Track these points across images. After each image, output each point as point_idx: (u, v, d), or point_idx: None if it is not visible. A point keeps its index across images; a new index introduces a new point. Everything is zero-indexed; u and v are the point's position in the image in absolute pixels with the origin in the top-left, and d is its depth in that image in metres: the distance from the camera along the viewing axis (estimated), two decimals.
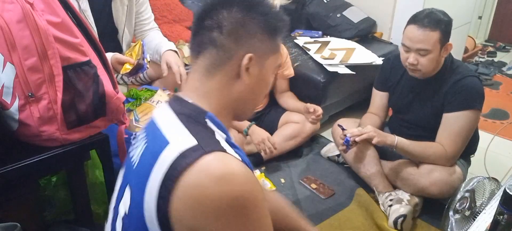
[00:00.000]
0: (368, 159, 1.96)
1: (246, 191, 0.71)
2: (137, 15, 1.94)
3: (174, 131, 0.77)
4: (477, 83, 1.74)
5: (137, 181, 0.76)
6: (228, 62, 0.82)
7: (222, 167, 0.70)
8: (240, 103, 0.87)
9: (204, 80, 0.84)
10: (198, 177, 0.68)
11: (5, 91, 1.03)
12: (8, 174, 1.02)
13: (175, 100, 0.85)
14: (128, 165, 0.86)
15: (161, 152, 0.72)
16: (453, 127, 1.75)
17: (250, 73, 0.83)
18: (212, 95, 0.84)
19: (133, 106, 1.66)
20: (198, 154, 0.69)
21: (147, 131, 0.85)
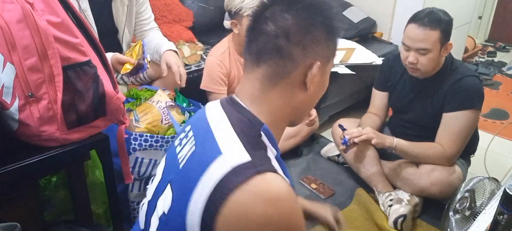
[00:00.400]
0: (368, 159, 1.96)
1: (292, 218, 0.70)
2: (137, 15, 1.94)
3: (227, 140, 0.73)
4: (476, 83, 1.74)
5: (183, 186, 0.74)
6: (294, 72, 0.78)
7: (273, 189, 0.68)
8: (299, 111, 0.84)
9: (265, 90, 0.79)
10: (247, 197, 0.66)
11: (5, 91, 1.03)
12: (8, 174, 1.02)
13: (231, 103, 0.81)
14: (172, 161, 0.82)
15: (212, 162, 0.70)
16: (452, 126, 1.75)
17: (314, 81, 0.80)
18: (272, 106, 0.80)
19: (133, 106, 1.66)
20: (250, 173, 0.67)
21: (196, 130, 0.81)
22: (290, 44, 0.76)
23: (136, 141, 1.52)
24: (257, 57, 0.79)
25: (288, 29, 0.76)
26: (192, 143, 0.78)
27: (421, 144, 1.79)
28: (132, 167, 1.55)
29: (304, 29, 0.76)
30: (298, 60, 0.77)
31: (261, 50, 0.78)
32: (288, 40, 0.76)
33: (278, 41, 0.76)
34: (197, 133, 0.80)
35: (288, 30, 0.76)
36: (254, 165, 0.68)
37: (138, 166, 1.57)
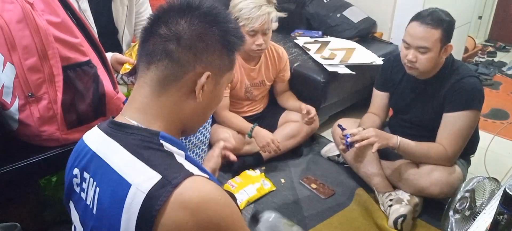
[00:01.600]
0: (368, 159, 1.96)
1: (224, 215, 0.70)
2: (137, 15, 1.94)
3: (130, 168, 0.70)
4: (477, 84, 1.74)
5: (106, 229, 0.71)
6: (183, 77, 0.76)
7: (196, 196, 0.67)
8: (190, 121, 0.82)
9: (155, 95, 0.77)
10: (174, 214, 0.65)
11: (5, 91, 1.03)
12: (8, 174, 1.02)
13: (116, 128, 0.76)
14: (83, 208, 0.78)
15: (126, 197, 0.67)
16: (453, 127, 1.75)
17: (205, 90, 0.78)
18: (163, 112, 0.77)
19: None
20: (167, 191, 0.65)
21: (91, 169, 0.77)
22: (180, 48, 0.74)
23: None
24: (147, 59, 0.77)
25: (180, 34, 0.75)
26: (94, 184, 0.75)
27: (423, 144, 1.79)
28: None
29: (196, 35, 0.75)
30: (188, 66, 0.75)
31: (152, 52, 0.76)
32: (178, 44, 0.74)
33: (168, 44, 0.74)
34: (94, 171, 0.76)
35: (179, 34, 0.75)
36: (167, 181, 0.67)
37: None
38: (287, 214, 1.84)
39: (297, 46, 2.64)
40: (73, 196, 0.83)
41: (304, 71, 2.38)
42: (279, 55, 2.23)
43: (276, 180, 2.07)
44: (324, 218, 1.83)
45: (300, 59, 2.47)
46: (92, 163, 0.77)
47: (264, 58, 2.18)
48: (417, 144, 1.78)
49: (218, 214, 0.69)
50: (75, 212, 0.83)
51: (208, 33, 0.76)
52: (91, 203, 0.75)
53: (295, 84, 2.39)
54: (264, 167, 2.16)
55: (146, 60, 0.77)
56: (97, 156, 0.76)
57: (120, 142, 0.74)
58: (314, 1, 2.90)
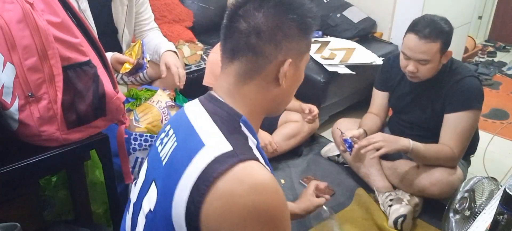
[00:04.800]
0: (368, 159, 1.96)
1: (275, 204, 0.72)
2: (137, 15, 1.94)
3: (209, 132, 0.75)
4: (476, 83, 1.74)
5: (167, 181, 0.75)
6: (267, 68, 0.80)
7: (256, 176, 0.70)
8: (275, 104, 0.87)
9: (240, 85, 0.81)
10: (231, 185, 0.68)
11: (5, 91, 1.03)
12: (8, 174, 1.02)
13: (209, 99, 0.83)
14: (154, 160, 0.84)
15: (196, 154, 0.71)
16: (456, 127, 1.74)
17: (287, 76, 0.82)
18: (247, 99, 0.82)
19: (133, 106, 1.66)
20: (233, 161, 0.69)
21: (177, 126, 0.83)
22: (261, 42, 0.78)
23: (136, 141, 1.52)
24: (231, 54, 0.81)
25: (259, 27, 0.77)
26: (174, 139, 0.80)
27: (433, 147, 1.77)
28: (132, 167, 1.55)
29: (274, 27, 0.78)
30: (270, 57, 0.79)
31: (235, 47, 0.80)
32: (259, 37, 0.78)
33: (250, 39, 0.78)
34: (177, 129, 0.82)
35: (259, 28, 0.77)
36: (236, 153, 0.70)
37: (138, 166, 1.57)
38: None
39: None
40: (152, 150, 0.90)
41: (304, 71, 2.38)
42: None
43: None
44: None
45: None
46: (179, 122, 0.84)
47: None
48: (428, 147, 1.76)
49: (271, 201, 0.71)
50: (146, 163, 0.89)
51: (286, 22, 0.79)
52: (164, 156, 0.80)
53: None
54: None
55: (230, 55, 0.82)
56: (185, 116, 0.83)
57: (207, 109, 0.81)
58: (314, 1, 2.91)
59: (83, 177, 1.30)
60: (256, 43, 0.78)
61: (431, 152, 1.76)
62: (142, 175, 0.89)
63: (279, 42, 0.79)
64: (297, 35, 0.81)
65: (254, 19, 0.78)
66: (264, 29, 0.77)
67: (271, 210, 0.71)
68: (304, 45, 0.83)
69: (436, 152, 1.77)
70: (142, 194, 0.84)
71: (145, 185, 0.84)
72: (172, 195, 0.71)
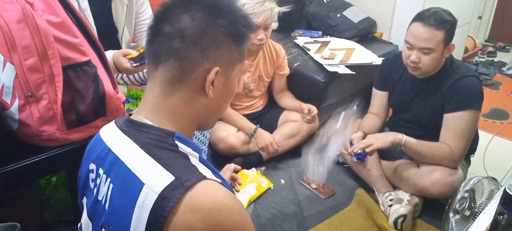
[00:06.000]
0: (368, 159, 1.96)
1: (235, 220, 0.68)
2: (137, 15, 1.94)
3: (144, 167, 0.69)
4: (476, 83, 1.74)
5: (117, 226, 0.71)
6: (192, 75, 0.73)
7: (208, 201, 0.66)
8: (204, 117, 0.80)
9: (165, 96, 0.75)
10: (185, 218, 0.64)
11: (5, 91, 1.03)
12: (8, 174, 1.02)
13: (133, 126, 0.75)
14: (95, 204, 0.77)
15: (138, 196, 0.66)
16: (456, 127, 1.74)
17: (216, 86, 0.75)
18: (175, 113, 0.76)
19: (133, 106, 1.66)
20: (179, 192, 0.64)
21: (106, 166, 0.76)
22: (186, 46, 0.72)
23: None
24: (154, 59, 0.75)
25: (184, 30, 0.72)
26: (108, 181, 0.74)
27: (429, 143, 1.78)
28: None
29: (201, 31, 0.72)
30: (195, 63, 0.73)
31: (158, 52, 0.74)
32: (183, 41, 0.72)
33: (173, 43, 0.72)
34: (108, 169, 0.75)
35: (184, 31, 0.72)
36: (180, 182, 0.65)
37: None
38: (287, 214, 1.85)
39: (297, 46, 2.64)
40: (87, 191, 0.82)
41: (304, 71, 2.38)
42: (276, 52, 2.24)
43: (276, 180, 2.07)
44: (324, 218, 1.83)
45: (300, 59, 2.47)
46: (106, 160, 0.76)
47: (262, 54, 2.20)
48: (423, 143, 1.77)
49: (230, 221, 0.67)
50: (85, 208, 0.83)
51: (213, 27, 0.73)
52: (103, 199, 0.74)
53: (295, 84, 2.39)
54: (264, 167, 2.16)
55: (154, 61, 0.75)
56: (112, 152, 0.75)
57: (135, 140, 0.73)
58: (314, 1, 2.90)
59: None
60: (180, 47, 0.72)
61: (425, 148, 1.77)
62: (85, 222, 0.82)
63: (206, 48, 0.73)
64: (227, 42, 0.75)
65: (179, 22, 0.72)
66: (189, 32, 0.72)
67: (233, 229, 0.68)
68: (236, 54, 0.77)
69: (431, 148, 1.77)
70: None
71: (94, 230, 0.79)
72: None
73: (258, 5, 1.90)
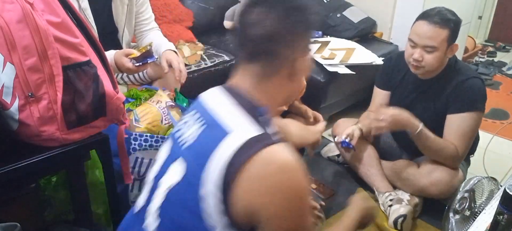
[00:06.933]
0: (368, 159, 1.96)
1: (299, 182, 0.80)
2: (137, 15, 1.94)
3: (236, 119, 0.82)
4: (480, 85, 1.74)
5: (194, 161, 0.82)
6: (282, 68, 0.87)
7: (282, 158, 0.78)
8: (288, 98, 0.95)
9: (259, 83, 0.88)
10: (260, 167, 0.76)
11: (5, 91, 1.03)
12: (8, 174, 1.02)
13: (230, 90, 0.89)
14: (177, 142, 0.90)
15: (225, 138, 0.78)
16: (459, 128, 1.73)
17: (298, 73, 0.90)
18: (267, 95, 0.89)
19: (133, 106, 1.66)
20: (261, 144, 0.77)
21: (201, 112, 0.89)
22: (275, 46, 0.85)
23: (136, 141, 1.52)
24: (248, 58, 0.88)
25: (271, 33, 0.84)
26: (201, 123, 0.86)
27: (441, 140, 1.75)
28: (132, 167, 1.55)
29: (285, 30, 0.85)
30: (285, 58, 0.86)
31: (251, 53, 0.87)
32: (272, 42, 0.84)
33: (264, 46, 0.85)
34: (203, 114, 0.88)
35: (271, 33, 0.84)
36: (263, 138, 0.78)
37: (138, 166, 1.57)
38: None
39: None
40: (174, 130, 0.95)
41: None
42: None
43: None
44: None
45: None
46: (205, 109, 0.89)
47: None
48: (436, 137, 1.74)
49: (295, 180, 0.79)
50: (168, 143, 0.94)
51: (295, 23, 0.86)
52: (189, 137, 0.86)
53: None
54: None
55: (247, 59, 0.89)
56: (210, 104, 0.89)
57: (231, 98, 0.87)
58: (314, 1, 2.90)
59: (83, 177, 1.30)
60: (271, 48, 0.85)
61: (437, 143, 1.74)
62: (162, 156, 0.94)
63: (291, 43, 0.85)
64: (305, 33, 0.89)
65: (265, 26, 0.84)
66: (276, 34, 0.84)
67: (296, 188, 0.79)
68: (309, 40, 0.92)
69: (441, 146, 1.74)
70: (162, 172, 0.89)
71: (165, 165, 0.90)
72: (200, 175, 0.78)
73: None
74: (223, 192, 0.76)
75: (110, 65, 1.19)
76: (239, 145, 0.77)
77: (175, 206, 0.84)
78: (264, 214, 0.78)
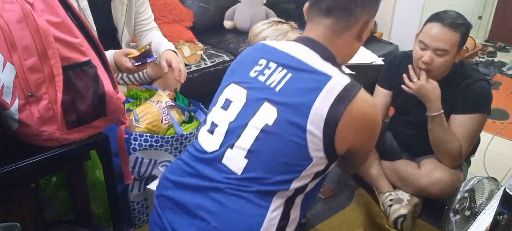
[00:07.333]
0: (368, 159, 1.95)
1: (380, 116, 1.07)
2: (137, 15, 1.94)
3: (326, 68, 0.97)
4: (487, 88, 1.74)
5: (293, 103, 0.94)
6: (354, 26, 1.01)
7: (371, 99, 0.99)
8: (348, 56, 1.08)
9: (333, 36, 1.01)
10: (361, 105, 0.94)
11: (5, 91, 1.03)
12: (8, 174, 1.02)
13: (310, 42, 1.01)
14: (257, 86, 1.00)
15: (325, 85, 0.93)
16: (465, 128, 1.72)
17: (365, 34, 1.04)
18: (339, 49, 1.02)
19: (133, 106, 1.66)
20: (357, 88, 0.95)
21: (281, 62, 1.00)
22: (353, 4, 0.99)
23: (136, 141, 1.52)
24: (326, 11, 1.00)
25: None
26: (284, 72, 0.98)
27: (451, 131, 1.73)
28: (132, 167, 1.55)
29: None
30: (358, 17, 1.00)
31: (331, 7, 1.00)
32: (354, 1, 0.99)
33: (344, 1, 0.99)
34: (284, 63, 1.00)
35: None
36: (356, 84, 0.96)
37: (138, 166, 1.57)
38: None
39: None
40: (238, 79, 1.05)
41: None
42: None
43: None
44: (324, 218, 1.83)
45: None
46: (278, 56, 1.02)
47: None
48: (448, 127, 1.73)
49: (380, 115, 1.06)
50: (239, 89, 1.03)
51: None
52: (274, 83, 0.98)
53: None
54: None
55: (325, 12, 1.01)
56: (285, 52, 1.02)
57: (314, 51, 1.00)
58: None
59: (83, 177, 1.30)
60: (349, 5, 0.99)
61: (448, 134, 1.72)
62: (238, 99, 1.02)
63: (366, 4, 1.00)
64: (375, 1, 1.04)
65: None
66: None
67: (378, 120, 1.02)
68: (378, 5, 1.05)
69: (450, 137, 1.72)
70: (247, 113, 0.98)
71: (249, 106, 0.99)
72: (307, 114, 0.92)
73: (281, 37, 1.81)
74: (329, 128, 0.92)
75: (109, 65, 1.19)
76: (341, 88, 0.92)
77: (273, 142, 0.95)
78: (359, 144, 1.01)
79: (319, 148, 0.94)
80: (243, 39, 2.80)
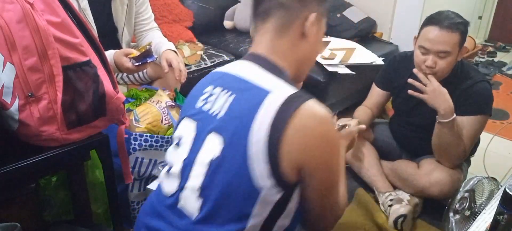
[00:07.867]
0: (368, 159, 1.96)
1: (335, 134, 0.92)
2: (137, 15, 1.94)
3: (269, 82, 0.88)
4: (489, 89, 1.74)
5: (234, 127, 0.86)
6: (295, 22, 0.93)
7: (320, 111, 0.85)
8: (302, 64, 0.99)
9: (276, 39, 0.94)
10: (305, 119, 0.83)
11: (5, 91, 1.03)
12: (8, 174, 1.02)
13: (253, 57, 0.95)
14: (204, 116, 0.93)
15: (264, 99, 0.84)
16: (466, 129, 1.72)
17: (311, 32, 0.94)
18: (284, 55, 0.94)
19: (133, 106, 1.66)
20: (301, 100, 0.84)
21: (225, 84, 0.93)
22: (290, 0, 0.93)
23: (136, 141, 1.52)
24: (264, 15, 0.95)
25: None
26: (227, 94, 0.91)
27: (460, 135, 1.71)
28: (132, 167, 1.55)
29: None
30: (297, 11, 0.93)
31: (268, 8, 0.94)
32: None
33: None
34: (228, 86, 0.92)
35: None
36: (301, 94, 0.86)
37: (138, 166, 1.57)
38: None
39: None
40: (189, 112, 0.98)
41: None
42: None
43: None
44: None
45: None
46: (224, 79, 0.95)
47: None
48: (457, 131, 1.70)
49: (332, 129, 0.90)
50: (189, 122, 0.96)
51: None
52: (219, 109, 0.90)
53: None
54: None
55: (264, 16, 0.95)
56: (234, 75, 0.94)
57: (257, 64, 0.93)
58: None
59: (83, 177, 1.30)
60: (286, 2, 0.92)
61: (456, 137, 1.70)
62: (188, 133, 0.95)
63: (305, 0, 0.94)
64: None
65: None
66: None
67: (333, 136, 0.89)
68: (325, 6, 0.98)
69: (458, 141, 1.70)
70: (194, 152, 0.91)
71: (197, 140, 0.92)
72: (246, 137, 0.83)
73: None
74: (271, 148, 0.82)
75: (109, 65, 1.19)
76: (282, 101, 0.83)
77: (222, 175, 0.86)
78: (309, 166, 0.85)
79: (266, 174, 0.83)
80: (243, 39, 2.80)
